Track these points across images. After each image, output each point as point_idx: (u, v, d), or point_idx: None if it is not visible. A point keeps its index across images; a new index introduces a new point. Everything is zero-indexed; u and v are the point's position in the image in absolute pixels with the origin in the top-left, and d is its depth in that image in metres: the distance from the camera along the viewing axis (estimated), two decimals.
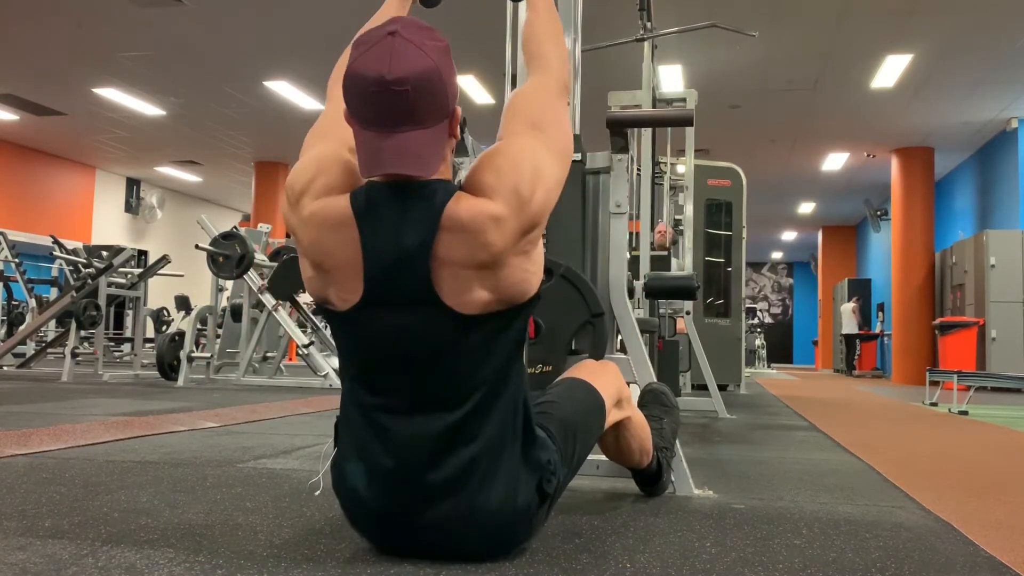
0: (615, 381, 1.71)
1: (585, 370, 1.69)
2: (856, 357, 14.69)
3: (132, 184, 14.47)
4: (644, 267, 4.43)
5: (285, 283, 6.60)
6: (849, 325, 14.69)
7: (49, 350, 8.19)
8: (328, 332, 7.51)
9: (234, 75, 8.72)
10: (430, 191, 1.29)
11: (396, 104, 1.23)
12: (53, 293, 9.86)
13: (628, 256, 2.23)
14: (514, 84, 2.46)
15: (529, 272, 1.33)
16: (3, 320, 9.81)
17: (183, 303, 10.44)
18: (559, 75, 1.56)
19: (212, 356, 6.88)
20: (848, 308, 14.83)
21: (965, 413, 5.29)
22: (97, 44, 7.91)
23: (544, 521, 1.46)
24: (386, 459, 1.32)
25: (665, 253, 4.97)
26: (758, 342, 15.90)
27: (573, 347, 2.17)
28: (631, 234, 4.32)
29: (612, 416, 1.68)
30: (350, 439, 1.37)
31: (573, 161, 1.75)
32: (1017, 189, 9.58)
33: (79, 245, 9.74)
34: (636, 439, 1.81)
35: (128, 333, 10.37)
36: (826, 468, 2.67)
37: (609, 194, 2.25)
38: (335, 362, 6.27)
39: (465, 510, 1.30)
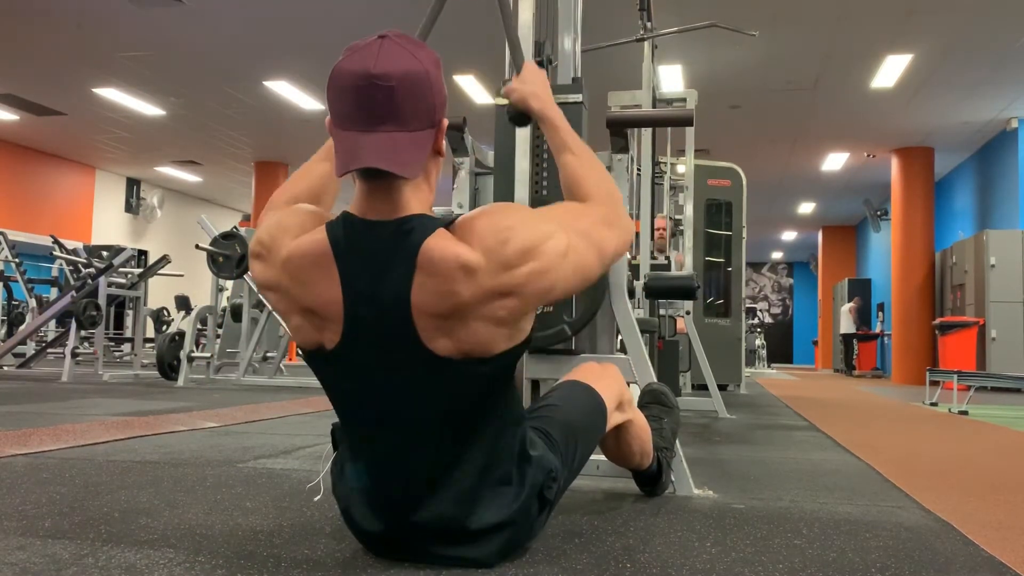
0: (616, 383, 1.71)
1: (586, 373, 1.69)
2: (854, 357, 14.71)
3: (132, 184, 14.46)
4: (644, 267, 4.43)
5: None
6: (847, 325, 14.73)
7: (49, 350, 8.19)
8: None
9: (234, 75, 8.72)
10: (408, 226, 1.22)
11: (379, 99, 1.18)
12: (53, 293, 9.86)
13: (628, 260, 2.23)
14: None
15: (499, 336, 1.24)
16: (3, 320, 9.82)
17: (183, 303, 10.44)
18: (611, 208, 1.43)
19: (212, 356, 6.89)
20: (846, 308, 14.87)
21: (965, 413, 5.29)
22: (97, 44, 7.91)
23: (544, 524, 1.46)
24: (382, 465, 1.32)
25: (665, 262, 4.96)
26: (758, 342, 15.90)
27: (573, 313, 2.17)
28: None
29: (613, 419, 1.67)
30: (348, 444, 1.38)
31: None
32: (1017, 189, 9.58)
33: (79, 245, 9.75)
34: (637, 441, 1.81)
35: (128, 333, 10.37)
36: (826, 468, 2.67)
37: None
38: None
39: (464, 516, 1.30)
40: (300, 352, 1.33)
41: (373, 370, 1.27)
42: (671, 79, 8.26)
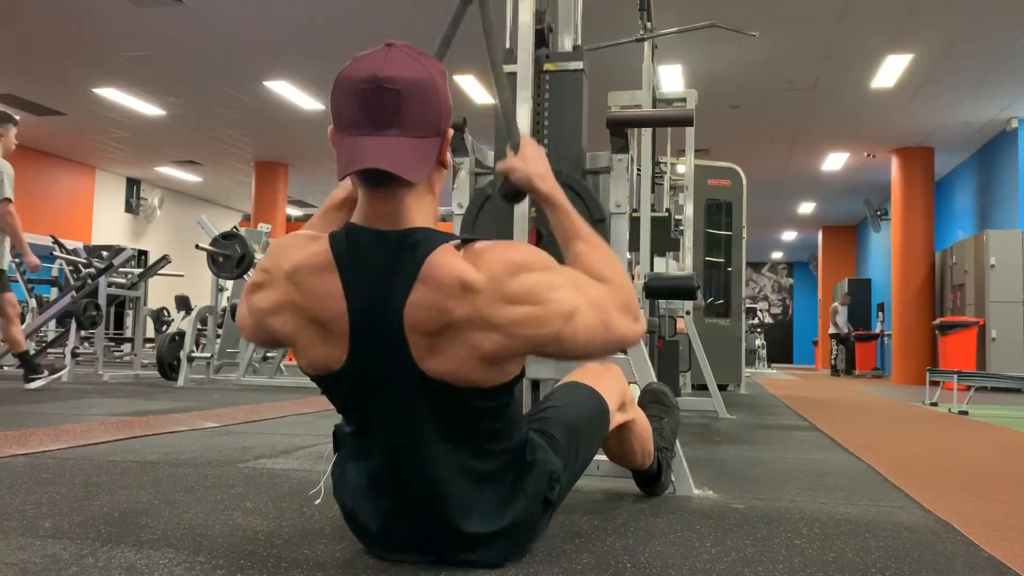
0: (618, 383, 1.71)
1: (588, 373, 1.68)
2: (839, 357, 14.38)
3: (132, 184, 14.46)
4: (644, 267, 4.43)
5: None
6: (834, 325, 14.54)
7: (49, 350, 8.19)
8: None
9: (234, 75, 8.72)
10: (413, 239, 1.21)
11: (385, 103, 1.17)
12: (53, 293, 9.85)
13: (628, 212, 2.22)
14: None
15: (480, 370, 1.21)
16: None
17: (183, 303, 10.42)
18: (630, 299, 1.36)
19: (212, 356, 6.89)
20: (832, 308, 14.71)
21: (965, 413, 5.29)
22: (97, 44, 7.91)
23: (548, 525, 1.46)
24: (382, 470, 1.32)
25: (665, 215, 4.91)
26: (758, 342, 15.88)
27: None
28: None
29: (615, 419, 1.67)
30: (349, 445, 1.38)
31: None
32: (1017, 189, 9.58)
33: (79, 245, 9.74)
34: (639, 441, 1.81)
35: (128, 333, 10.37)
36: (826, 468, 2.67)
37: (609, 194, 2.25)
38: None
39: (464, 519, 1.30)
40: (307, 373, 1.31)
41: (376, 386, 1.26)
42: (671, 79, 8.26)
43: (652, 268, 4.40)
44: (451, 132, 1.27)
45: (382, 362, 1.23)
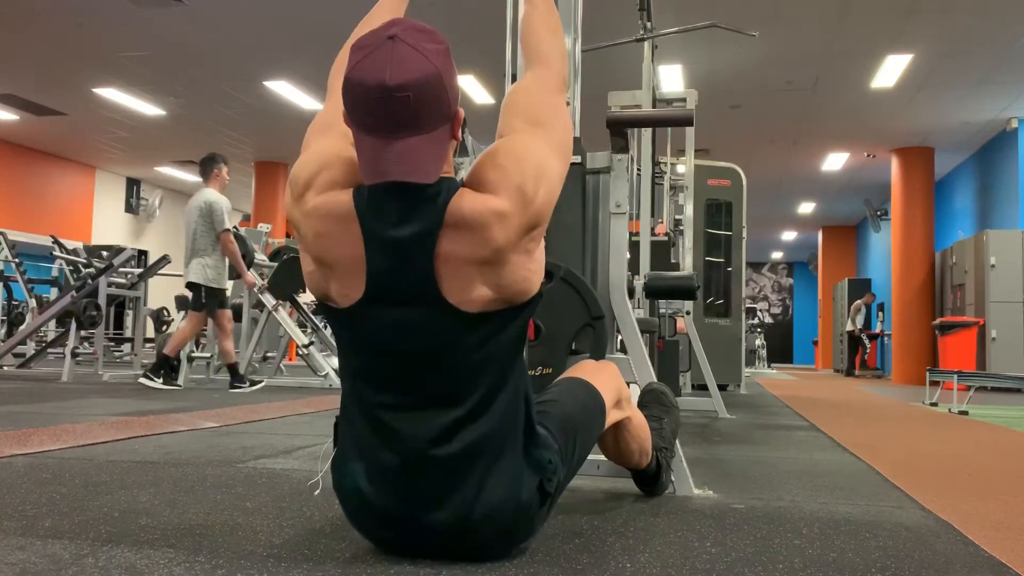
0: (615, 381, 1.71)
1: (585, 370, 1.69)
2: (865, 355, 14.24)
3: (132, 184, 14.47)
4: (644, 267, 4.43)
5: (285, 283, 6.61)
6: (854, 322, 14.38)
7: (49, 350, 8.19)
8: (328, 332, 7.51)
9: (234, 75, 8.72)
10: (434, 190, 1.28)
11: (397, 110, 1.22)
12: (53, 293, 9.85)
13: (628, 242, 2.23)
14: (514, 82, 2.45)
15: (531, 271, 1.32)
16: (3, 320, 9.81)
17: (183, 303, 10.43)
18: (558, 70, 1.55)
19: (212, 356, 6.88)
20: (855, 305, 14.57)
21: (965, 413, 5.29)
22: (97, 44, 7.91)
23: (544, 520, 1.46)
24: (387, 456, 1.31)
25: (665, 238, 4.95)
26: (758, 342, 15.87)
27: (574, 348, 2.17)
28: (631, 234, 4.33)
29: (612, 416, 1.68)
30: (351, 438, 1.37)
31: (573, 163, 1.74)
32: (1017, 189, 9.58)
33: (79, 245, 9.75)
34: (636, 440, 1.81)
35: (128, 333, 10.37)
36: (826, 468, 2.67)
37: (609, 194, 2.25)
38: (335, 362, 6.27)
39: (466, 508, 1.30)
40: (318, 299, 1.37)
41: (394, 326, 1.30)
42: (671, 79, 8.26)
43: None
44: (461, 112, 1.32)
45: (405, 306, 1.29)
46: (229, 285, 7.29)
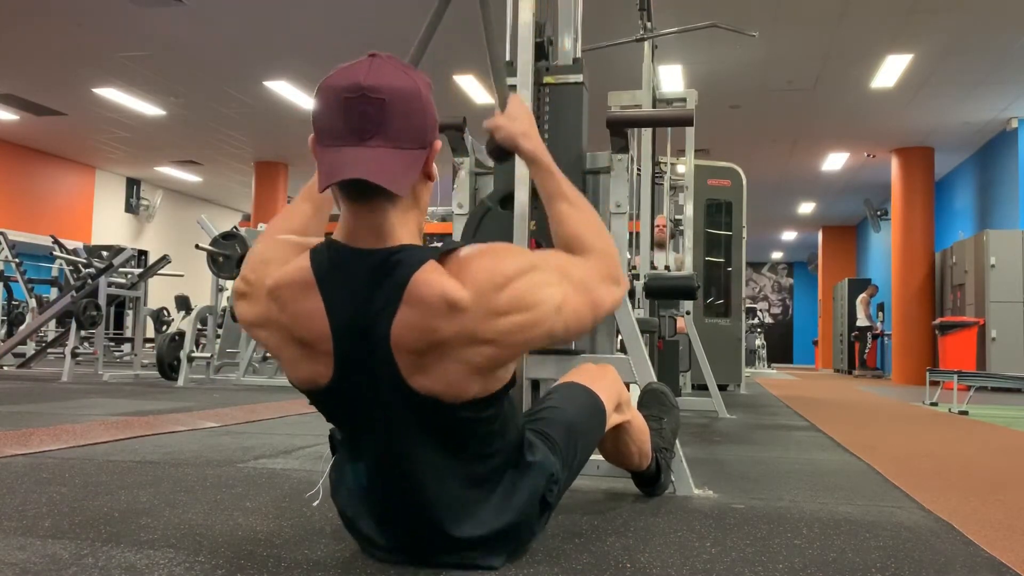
0: (614, 385, 1.71)
1: (584, 374, 1.69)
2: (866, 352, 14.06)
3: (132, 184, 14.47)
4: (644, 267, 4.43)
5: None
6: (861, 318, 14.12)
7: (49, 350, 8.19)
8: None
9: (234, 75, 8.72)
10: (396, 258, 1.17)
11: (369, 113, 1.13)
12: (53, 293, 9.85)
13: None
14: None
15: (472, 382, 1.19)
16: (3, 320, 9.81)
17: (183, 303, 10.43)
18: (612, 264, 1.39)
19: (212, 356, 6.88)
20: (861, 298, 14.34)
21: (965, 413, 5.29)
22: (97, 44, 7.91)
23: (545, 526, 1.46)
24: (378, 476, 1.31)
25: (665, 271, 4.96)
26: (758, 342, 15.87)
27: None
28: (631, 234, 4.34)
29: (612, 420, 1.67)
30: (345, 449, 1.37)
31: (573, 161, 1.72)
32: (1017, 189, 9.58)
33: (79, 245, 9.75)
34: (635, 442, 1.81)
35: (128, 333, 10.36)
36: (826, 468, 2.67)
37: (609, 194, 2.25)
38: None
39: (461, 526, 1.29)
40: (295, 387, 1.31)
41: (365, 404, 1.25)
42: (671, 79, 8.26)
43: (652, 266, 4.40)
44: (438, 144, 1.22)
45: (370, 381, 1.21)
46: (229, 285, 7.30)
